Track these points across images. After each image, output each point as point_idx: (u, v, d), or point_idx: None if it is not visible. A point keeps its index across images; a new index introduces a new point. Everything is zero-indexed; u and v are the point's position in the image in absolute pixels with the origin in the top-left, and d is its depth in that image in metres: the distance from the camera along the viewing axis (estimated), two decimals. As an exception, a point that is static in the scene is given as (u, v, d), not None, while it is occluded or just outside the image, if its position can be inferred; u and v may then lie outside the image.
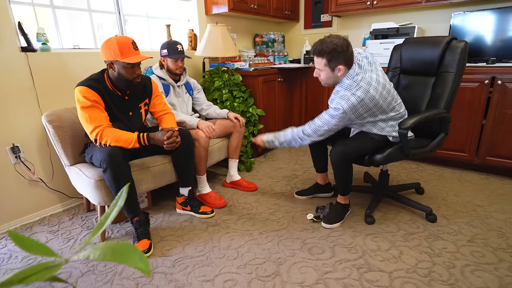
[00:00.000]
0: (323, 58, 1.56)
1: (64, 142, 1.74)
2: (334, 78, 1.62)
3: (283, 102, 3.12)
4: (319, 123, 1.67)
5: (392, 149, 1.69)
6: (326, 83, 1.68)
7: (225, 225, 1.84)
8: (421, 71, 1.84)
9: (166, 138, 1.59)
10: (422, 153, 1.73)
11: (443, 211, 1.90)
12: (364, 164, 1.76)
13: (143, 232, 1.64)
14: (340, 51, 1.53)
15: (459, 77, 1.66)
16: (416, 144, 1.74)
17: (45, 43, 1.87)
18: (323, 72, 1.61)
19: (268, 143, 1.87)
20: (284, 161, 2.88)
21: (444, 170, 2.55)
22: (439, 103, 1.69)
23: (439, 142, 1.76)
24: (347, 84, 1.58)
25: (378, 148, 1.71)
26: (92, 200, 1.64)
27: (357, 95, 1.54)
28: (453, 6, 2.74)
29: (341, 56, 1.54)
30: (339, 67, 1.57)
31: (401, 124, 1.59)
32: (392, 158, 1.70)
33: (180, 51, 2.03)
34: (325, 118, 1.64)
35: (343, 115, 1.57)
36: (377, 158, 1.68)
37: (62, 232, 1.81)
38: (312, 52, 1.61)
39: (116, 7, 2.30)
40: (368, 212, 1.81)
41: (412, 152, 1.69)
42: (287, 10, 3.41)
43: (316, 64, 1.62)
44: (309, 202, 2.08)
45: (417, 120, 1.59)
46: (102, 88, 1.59)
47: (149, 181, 1.80)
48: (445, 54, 1.71)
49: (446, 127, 1.74)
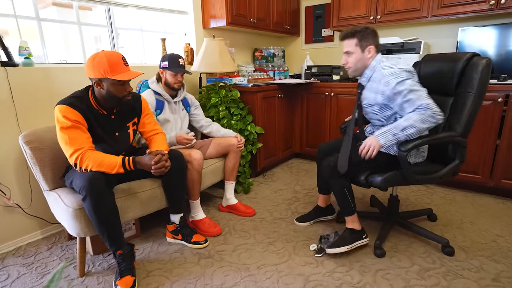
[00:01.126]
0: (353, 38, 1.58)
1: (43, 165, 1.58)
2: (363, 61, 1.61)
3: (283, 119, 2.98)
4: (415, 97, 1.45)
5: (392, 172, 1.54)
6: (355, 69, 1.64)
7: (219, 257, 1.66)
8: (439, 90, 1.67)
9: (153, 163, 1.44)
10: (429, 181, 1.56)
11: (460, 242, 1.72)
12: (361, 184, 1.60)
13: (127, 268, 1.46)
14: (370, 32, 1.58)
15: (479, 98, 1.50)
16: (424, 168, 1.58)
17: (28, 57, 1.74)
18: (353, 55, 1.60)
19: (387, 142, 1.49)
20: (285, 181, 2.71)
21: (456, 193, 2.38)
22: (456, 126, 1.53)
23: (451, 169, 1.56)
24: (382, 66, 1.56)
25: (378, 166, 1.56)
26: (69, 230, 1.47)
27: (402, 67, 1.50)
28: (460, 21, 2.65)
29: (371, 37, 1.58)
30: (370, 48, 1.58)
31: (400, 146, 1.45)
32: (393, 181, 1.54)
33: (181, 65, 1.91)
34: (411, 95, 1.45)
35: (410, 74, 1.49)
36: (376, 180, 1.53)
37: (37, 266, 1.62)
38: (342, 36, 1.63)
39: (108, 20, 2.19)
40: (377, 243, 1.64)
41: (416, 177, 1.53)
42: (287, 25, 3.32)
43: (345, 47, 1.63)
44: (311, 229, 1.90)
45: (418, 143, 1.44)
46: (85, 107, 1.45)
47: (136, 208, 1.64)
48: (464, 72, 1.56)
49: (461, 153, 1.55)
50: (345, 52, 1.64)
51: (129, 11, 2.30)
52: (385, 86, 1.51)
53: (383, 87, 1.52)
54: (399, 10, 2.65)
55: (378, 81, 1.56)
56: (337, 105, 2.87)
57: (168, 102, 1.99)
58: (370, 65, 1.61)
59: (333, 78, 2.98)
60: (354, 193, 2.36)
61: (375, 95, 1.59)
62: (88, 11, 2.46)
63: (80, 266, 1.53)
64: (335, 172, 1.57)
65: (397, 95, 1.48)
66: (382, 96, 1.55)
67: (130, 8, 2.29)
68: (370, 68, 1.61)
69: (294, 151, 3.24)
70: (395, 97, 1.49)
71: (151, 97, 1.91)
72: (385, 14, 2.73)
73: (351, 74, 1.69)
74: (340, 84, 2.83)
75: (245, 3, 2.73)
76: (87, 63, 1.42)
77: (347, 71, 1.69)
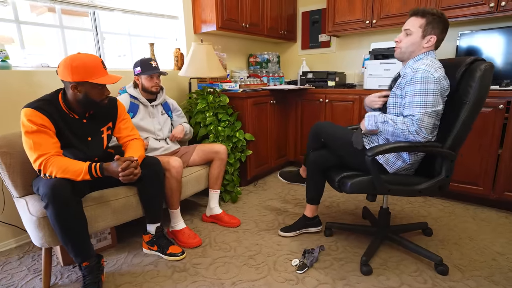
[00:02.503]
0: (423, 18, 1.41)
1: (12, 171, 1.51)
2: (416, 47, 1.45)
3: (276, 126, 2.89)
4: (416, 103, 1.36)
5: (362, 178, 1.45)
6: (404, 52, 1.47)
7: (194, 270, 1.56)
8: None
9: (120, 170, 1.36)
10: (405, 193, 1.44)
11: (456, 260, 1.59)
12: (334, 187, 1.56)
13: (92, 281, 1.37)
14: (441, 21, 1.40)
15: (474, 109, 1.34)
16: (403, 179, 1.46)
17: (4, 60, 1.71)
18: (412, 36, 1.44)
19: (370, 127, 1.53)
20: (276, 190, 2.60)
21: (456, 205, 2.24)
22: (447, 137, 1.40)
23: (435, 184, 1.41)
24: (425, 62, 1.39)
25: (358, 169, 1.51)
26: (33, 239, 1.39)
27: (438, 74, 1.36)
28: (459, 24, 2.54)
29: (440, 26, 1.41)
30: (431, 37, 1.41)
31: (367, 150, 1.35)
32: (361, 188, 1.45)
33: (154, 67, 1.86)
34: (418, 98, 1.36)
35: (435, 79, 1.34)
36: (346, 184, 1.46)
37: (3, 276, 1.55)
38: (412, 12, 1.46)
39: (93, 24, 2.16)
40: (364, 260, 1.51)
41: (387, 187, 1.42)
42: (282, 30, 3.26)
43: (407, 25, 1.46)
44: (296, 243, 1.79)
45: (386, 150, 1.34)
46: (53, 111, 1.39)
47: (108, 217, 1.55)
48: (462, 78, 1.42)
49: (447, 167, 1.40)
50: (405, 30, 1.46)
51: (115, 15, 2.27)
52: (410, 73, 1.40)
53: (408, 73, 1.41)
54: (394, 14, 2.56)
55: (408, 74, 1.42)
56: (331, 112, 2.77)
57: (144, 106, 1.93)
58: (418, 56, 1.45)
59: (329, 84, 2.89)
60: (346, 205, 2.25)
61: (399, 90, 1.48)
62: (84, 17, 2.44)
63: (45, 279, 1.45)
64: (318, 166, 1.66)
65: (409, 89, 1.38)
66: (400, 89, 1.45)
67: (117, 12, 2.26)
68: (416, 60, 1.46)
69: (288, 159, 3.14)
70: (407, 89, 1.39)
71: (126, 99, 1.86)
72: (380, 18, 2.64)
73: (397, 56, 1.52)
74: (335, 90, 2.74)
75: (236, 8, 2.68)
76: (62, 66, 1.36)
77: (395, 52, 1.51)
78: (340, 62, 3.28)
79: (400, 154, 1.47)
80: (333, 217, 2.10)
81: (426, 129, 1.34)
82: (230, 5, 2.61)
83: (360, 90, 2.61)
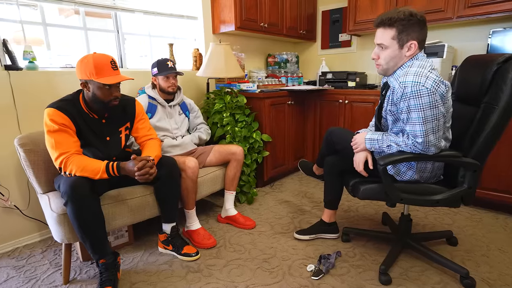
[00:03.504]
0: (391, 29, 1.25)
1: (36, 168, 1.57)
2: (398, 59, 1.29)
3: (294, 127, 2.85)
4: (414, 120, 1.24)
5: (374, 185, 1.39)
6: (386, 68, 1.33)
7: (208, 272, 1.55)
8: (467, 99, 1.43)
9: (136, 169, 1.37)
10: (419, 202, 1.35)
11: (484, 273, 1.49)
12: (348, 191, 1.53)
13: (108, 278, 1.40)
14: (415, 22, 1.22)
15: (504, 115, 1.22)
16: (418, 187, 1.38)
17: (31, 61, 1.78)
18: (387, 50, 1.29)
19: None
20: (293, 192, 2.56)
21: (484, 214, 2.11)
22: (473, 145, 1.30)
23: (456, 195, 1.30)
24: (413, 71, 1.23)
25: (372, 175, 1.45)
26: (54, 235, 1.44)
27: (430, 81, 1.19)
28: (491, 21, 2.38)
29: (416, 29, 1.23)
30: (411, 44, 1.25)
31: (379, 159, 1.28)
32: (373, 195, 1.40)
33: (170, 67, 1.88)
34: (414, 114, 1.23)
35: (428, 90, 1.19)
36: (358, 189, 1.41)
37: (27, 269, 1.61)
38: (377, 22, 1.29)
39: (115, 25, 2.21)
40: (383, 269, 1.45)
41: (400, 195, 1.33)
42: (302, 30, 3.20)
43: (378, 38, 1.30)
44: (312, 247, 1.74)
45: (399, 159, 1.27)
46: (74, 111, 1.42)
47: (125, 215, 1.58)
48: (493, 79, 1.29)
49: (471, 178, 1.28)
50: (378, 44, 1.31)
51: (136, 16, 2.31)
52: (399, 89, 1.26)
53: (397, 90, 1.27)
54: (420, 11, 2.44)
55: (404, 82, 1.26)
56: (351, 113, 2.69)
57: (162, 106, 1.95)
58: (405, 64, 1.30)
59: (349, 84, 2.81)
60: (365, 210, 2.18)
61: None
62: (107, 18, 2.51)
63: (65, 273, 1.49)
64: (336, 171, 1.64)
65: (403, 105, 1.26)
66: (394, 105, 1.32)
67: (138, 14, 2.30)
68: (403, 68, 1.31)
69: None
70: (401, 105, 1.27)
71: (144, 100, 1.89)
72: (405, 16, 2.53)
73: (381, 73, 1.38)
74: (355, 91, 2.66)
75: (255, 8, 2.66)
76: (76, 64, 1.41)
77: (377, 69, 1.37)
78: (361, 62, 3.19)
79: (411, 164, 1.38)
80: (351, 222, 2.03)
81: (434, 146, 1.25)
82: (249, 5, 2.60)
83: (382, 91, 2.52)
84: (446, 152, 1.30)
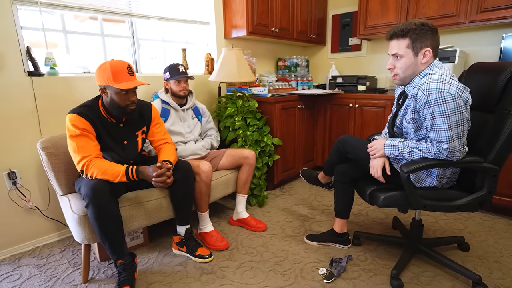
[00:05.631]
0: (405, 39, 1.30)
1: (57, 170, 1.63)
2: (415, 67, 1.33)
3: (304, 131, 2.87)
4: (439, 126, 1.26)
5: (396, 192, 1.39)
6: (403, 76, 1.36)
7: (222, 273, 1.59)
8: (479, 105, 1.45)
9: (155, 176, 1.42)
10: (441, 208, 1.37)
11: (497, 280, 1.49)
12: (365, 199, 1.52)
13: (126, 278, 1.45)
14: (427, 31, 1.28)
15: None
16: (439, 194, 1.39)
17: (52, 67, 1.84)
18: (403, 59, 1.33)
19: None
20: (303, 195, 2.59)
21: (496, 219, 2.10)
22: (486, 150, 1.32)
23: (475, 200, 1.34)
24: (435, 78, 1.25)
25: (389, 182, 1.46)
26: (75, 236, 1.49)
27: (454, 88, 1.22)
28: (504, 26, 2.38)
29: (429, 36, 1.28)
30: (426, 51, 1.29)
31: (403, 166, 1.30)
32: (395, 203, 1.40)
33: (182, 72, 1.92)
34: (439, 120, 1.24)
35: (453, 96, 1.21)
36: (378, 198, 1.42)
37: (47, 268, 1.67)
38: (390, 34, 1.35)
39: (130, 31, 2.27)
40: (394, 273, 1.46)
41: (423, 203, 1.35)
42: (312, 34, 3.23)
43: (393, 49, 1.35)
44: (323, 251, 1.77)
45: (423, 166, 1.28)
46: (94, 116, 1.48)
47: (141, 217, 1.63)
48: (507, 85, 1.32)
49: (490, 183, 1.31)
50: (393, 55, 1.36)
51: (151, 22, 2.37)
52: (423, 96, 1.27)
53: (420, 97, 1.28)
54: (432, 16, 2.45)
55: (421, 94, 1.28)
56: (361, 118, 2.71)
57: (175, 110, 1.99)
58: (423, 72, 1.33)
59: (359, 89, 2.82)
60: (376, 214, 2.19)
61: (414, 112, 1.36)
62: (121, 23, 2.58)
63: (84, 273, 1.54)
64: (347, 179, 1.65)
65: (427, 112, 1.27)
66: (417, 113, 1.34)
67: (153, 20, 2.36)
68: (422, 76, 1.33)
69: (315, 164, 3.10)
70: (424, 112, 1.28)
71: (158, 104, 1.94)
72: (416, 21, 2.54)
73: (398, 83, 1.40)
74: (366, 96, 2.67)
75: (267, 13, 2.70)
76: (95, 71, 1.47)
77: (393, 79, 1.40)
78: (371, 66, 3.20)
79: (431, 171, 1.40)
80: (361, 226, 2.05)
81: (459, 152, 1.27)
82: (261, 10, 2.64)
83: (391, 95, 2.53)
84: (468, 158, 1.32)
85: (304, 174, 2.07)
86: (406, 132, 1.46)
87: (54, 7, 1.88)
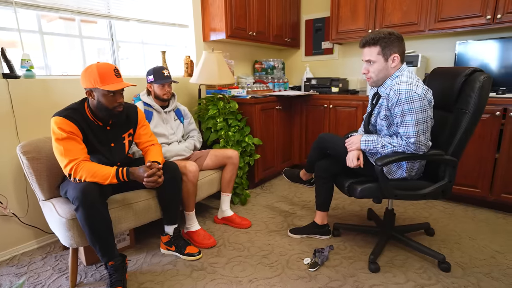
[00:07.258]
0: (376, 46, 1.49)
1: (39, 175, 1.60)
2: (386, 70, 1.51)
3: (282, 130, 2.99)
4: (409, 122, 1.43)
5: (371, 184, 1.55)
6: (376, 79, 1.54)
7: (212, 269, 1.65)
8: (440, 105, 1.64)
9: (146, 175, 1.45)
10: (410, 197, 1.54)
11: (458, 258, 1.69)
12: (344, 192, 1.66)
13: (118, 279, 1.46)
14: (395, 39, 1.47)
15: (474, 118, 1.45)
16: (408, 184, 1.57)
17: (29, 69, 1.79)
18: (375, 64, 1.51)
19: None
20: (283, 193, 2.70)
21: (456, 207, 2.35)
22: (448, 145, 1.51)
23: (438, 188, 1.52)
24: (404, 80, 1.44)
25: (365, 175, 1.63)
26: (62, 240, 1.48)
27: (420, 89, 1.41)
28: (458, 34, 2.66)
29: (396, 44, 1.48)
30: (394, 56, 1.48)
31: (377, 160, 1.46)
32: (370, 194, 1.56)
33: (166, 76, 1.95)
34: (408, 117, 1.42)
35: (420, 96, 1.40)
36: (355, 190, 1.57)
37: (30, 276, 1.62)
38: (363, 43, 1.53)
39: (109, 33, 2.25)
40: (372, 258, 1.61)
41: (394, 192, 1.52)
42: (287, 37, 3.37)
43: (366, 56, 1.53)
44: (306, 242, 1.88)
45: (395, 160, 1.45)
46: (80, 119, 1.47)
47: (130, 219, 1.64)
48: (462, 88, 1.52)
49: (450, 173, 1.51)
50: (366, 61, 1.54)
51: (130, 24, 2.36)
52: (394, 96, 1.44)
53: (392, 97, 1.46)
54: (396, 24, 2.68)
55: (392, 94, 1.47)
56: (335, 117, 2.88)
57: (158, 113, 2.02)
58: (394, 75, 1.52)
59: (332, 90, 3.00)
60: (352, 207, 2.35)
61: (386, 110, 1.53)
62: (93, 24, 2.53)
63: (72, 277, 1.53)
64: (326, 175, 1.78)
65: (398, 110, 1.44)
66: (389, 110, 1.51)
67: (132, 22, 2.35)
68: (393, 78, 1.52)
69: (293, 162, 3.24)
70: (395, 110, 1.45)
71: (140, 107, 1.95)
72: (383, 27, 2.76)
73: (372, 85, 1.59)
74: (339, 97, 2.85)
75: (244, 17, 2.78)
76: (81, 73, 1.47)
77: (368, 81, 1.58)
78: (342, 69, 3.40)
79: (401, 164, 1.57)
80: (340, 218, 2.20)
81: (424, 145, 1.45)
82: (239, 14, 2.72)
83: (363, 96, 2.72)
84: (432, 151, 1.50)
85: (286, 173, 2.18)
86: (379, 129, 1.62)
87: (29, 7, 1.83)
